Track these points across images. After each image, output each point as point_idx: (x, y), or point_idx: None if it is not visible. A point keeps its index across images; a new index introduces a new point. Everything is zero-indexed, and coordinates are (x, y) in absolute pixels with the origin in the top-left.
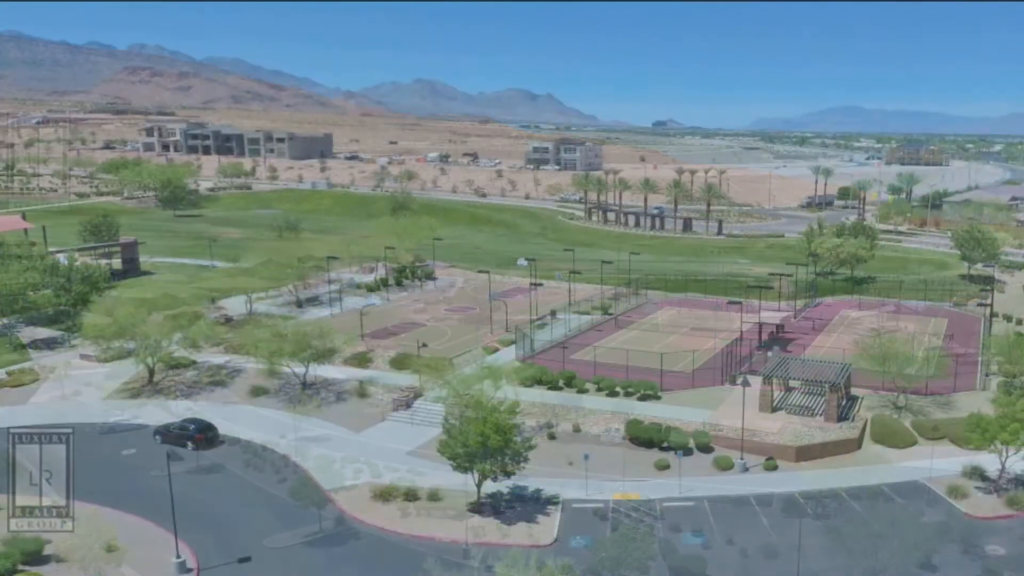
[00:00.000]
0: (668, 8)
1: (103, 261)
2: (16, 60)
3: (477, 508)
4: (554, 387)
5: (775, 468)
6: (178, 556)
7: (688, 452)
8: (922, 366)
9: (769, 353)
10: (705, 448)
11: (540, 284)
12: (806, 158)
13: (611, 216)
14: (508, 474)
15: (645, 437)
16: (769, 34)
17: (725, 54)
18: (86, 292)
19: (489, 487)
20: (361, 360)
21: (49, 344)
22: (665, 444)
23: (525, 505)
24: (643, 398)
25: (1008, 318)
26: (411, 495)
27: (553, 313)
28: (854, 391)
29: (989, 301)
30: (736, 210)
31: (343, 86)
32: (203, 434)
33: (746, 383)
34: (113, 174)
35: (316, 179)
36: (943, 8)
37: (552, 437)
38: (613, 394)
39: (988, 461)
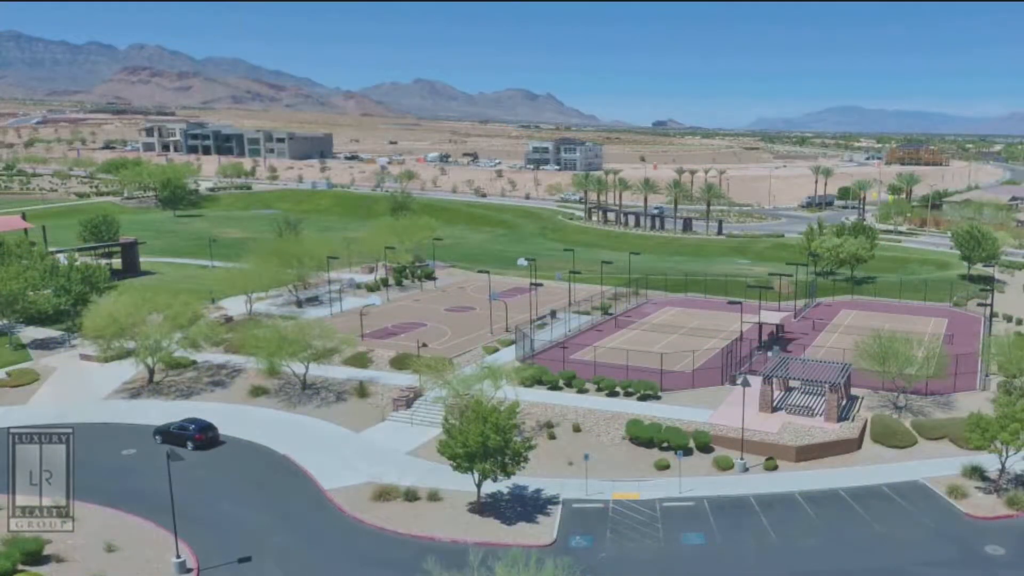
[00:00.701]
0: (668, 8)
1: (103, 261)
2: (16, 60)
3: (477, 508)
4: (554, 387)
5: (775, 468)
6: (178, 556)
7: (688, 452)
8: (922, 366)
9: (769, 353)
10: (705, 448)
11: (540, 284)
12: (806, 158)
13: (611, 216)
14: (508, 474)
15: (645, 437)
16: (769, 33)
17: (725, 54)
18: (86, 292)
19: (489, 487)
20: (361, 360)
21: (49, 344)
22: (665, 444)
23: (525, 505)
24: (643, 398)
25: (1008, 318)
26: (411, 495)
27: (553, 313)
28: (854, 391)
29: (989, 301)
30: (736, 210)
31: (343, 86)
32: (203, 434)
33: (746, 383)
34: (113, 174)
35: (316, 179)
36: (944, 8)
37: (552, 437)
38: (613, 394)
39: (988, 461)
